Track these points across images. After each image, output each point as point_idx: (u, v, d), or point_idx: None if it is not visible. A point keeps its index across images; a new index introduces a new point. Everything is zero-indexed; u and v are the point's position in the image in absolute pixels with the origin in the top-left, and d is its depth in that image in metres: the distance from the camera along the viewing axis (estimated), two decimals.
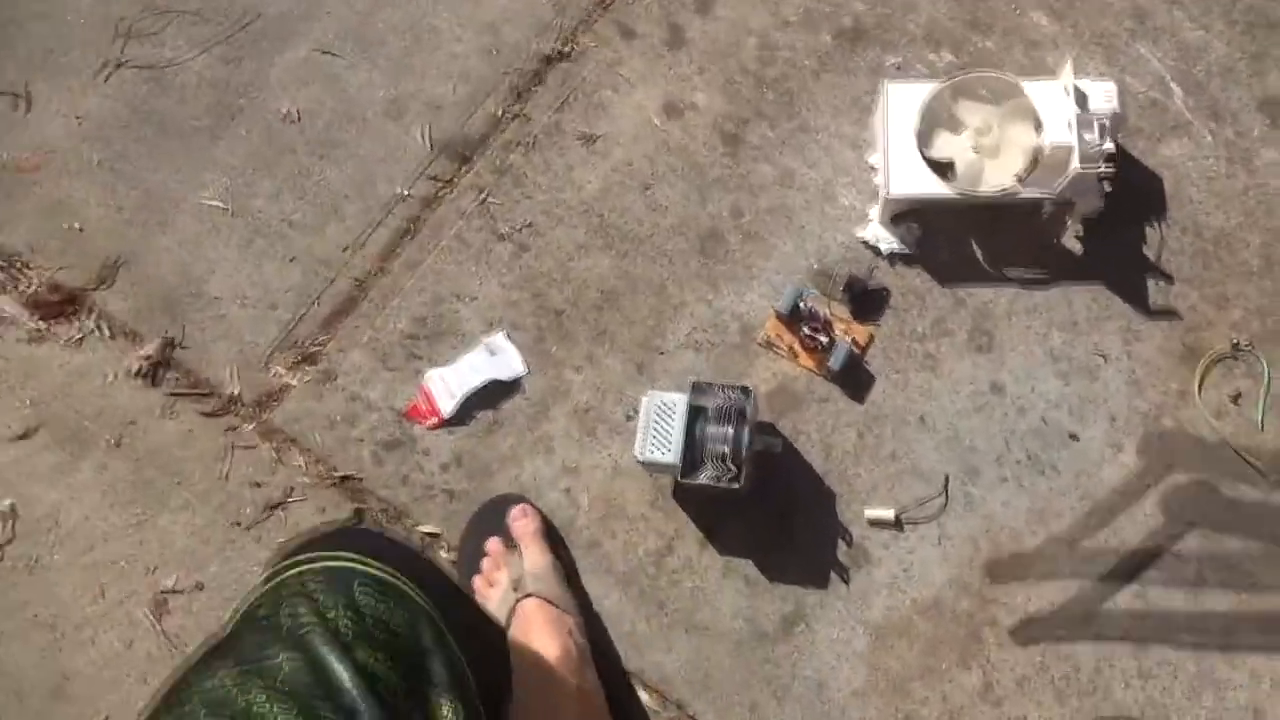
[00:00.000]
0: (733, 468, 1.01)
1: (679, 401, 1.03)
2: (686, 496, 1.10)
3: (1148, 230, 1.10)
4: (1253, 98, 1.11)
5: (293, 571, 0.67)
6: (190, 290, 1.22)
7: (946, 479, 1.07)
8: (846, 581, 1.07)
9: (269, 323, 1.21)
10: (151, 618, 1.10)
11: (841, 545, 1.08)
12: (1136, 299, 1.08)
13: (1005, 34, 1.16)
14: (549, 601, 1.03)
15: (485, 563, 1.08)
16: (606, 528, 1.11)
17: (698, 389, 1.03)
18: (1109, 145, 0.99)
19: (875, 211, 1.12)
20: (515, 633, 1.02)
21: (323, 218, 1.22)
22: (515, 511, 1.09)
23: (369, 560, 0.67)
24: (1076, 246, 1.10)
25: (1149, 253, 1.09)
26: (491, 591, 1.06)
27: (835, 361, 1.08)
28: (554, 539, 1.11)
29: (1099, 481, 1.05)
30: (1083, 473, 1.05)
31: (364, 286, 1.21)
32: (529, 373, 1.16)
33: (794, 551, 1.08)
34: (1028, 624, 1.02)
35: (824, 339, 1.10)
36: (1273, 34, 1.12)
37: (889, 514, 1.07)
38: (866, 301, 1.12)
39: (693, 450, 1.03)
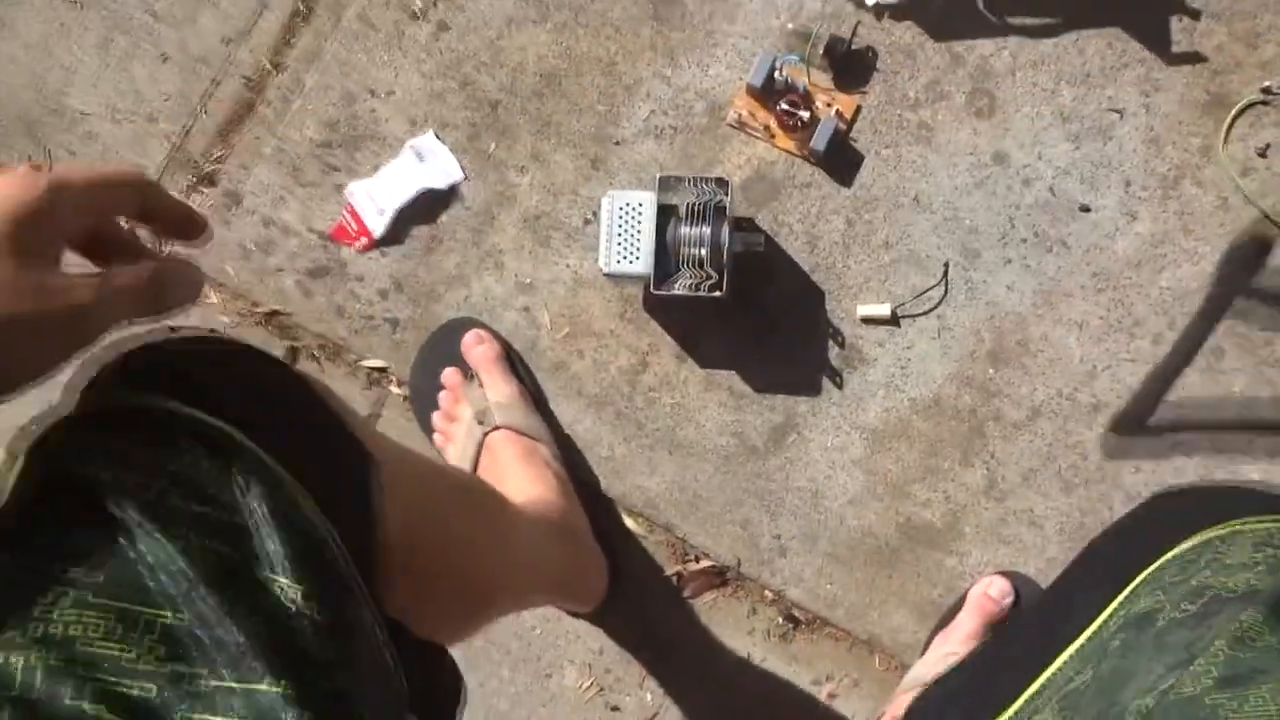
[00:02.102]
0: (713, 273, 0.89)
1: (646, 201, 0.89)
2: (658, 306, 0.98)
3: None
4: None
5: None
6: (49, 106, 1.02)
7: (946, 265, 0.96)
8: (839, 385, 0.98)
9: (152, 139, 1.02)
10: None
11: (833, 346, 0.98)
12: (1157, 42, 0.94)
13: None
14: (519, 432, 0.93)
15: (443, 397, 0.97)
16: (572, 347, 1.00)
17: (666, 184, 0.89)
18: None
19: None
20: (486, 470, 0.92)
21: (193, 4, 1.01)
22: (470, 338, 0.97)
23: (195, 410, 0.41)
24: None
25: None
26: (454, 428, 0.96)
27: (818, 140, 0.94)
28: (515, 363, 1.00)
29: (1113, 255, 0.95)
30: (1095, 247, 0.95)
31: (258, 86, 1.02)
32: (466, 178, 1.01)
33: (781, 358, 0.98)
34: (1034, 415, 0.95)
35: (804, 114, 0.95)
36: None
37: (884, 309, 0.96)
38: (850, 65, 0.97)
39: (665, 256, 0.90)
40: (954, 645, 0.88)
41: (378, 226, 1.00)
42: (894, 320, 0.97)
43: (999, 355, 0.96)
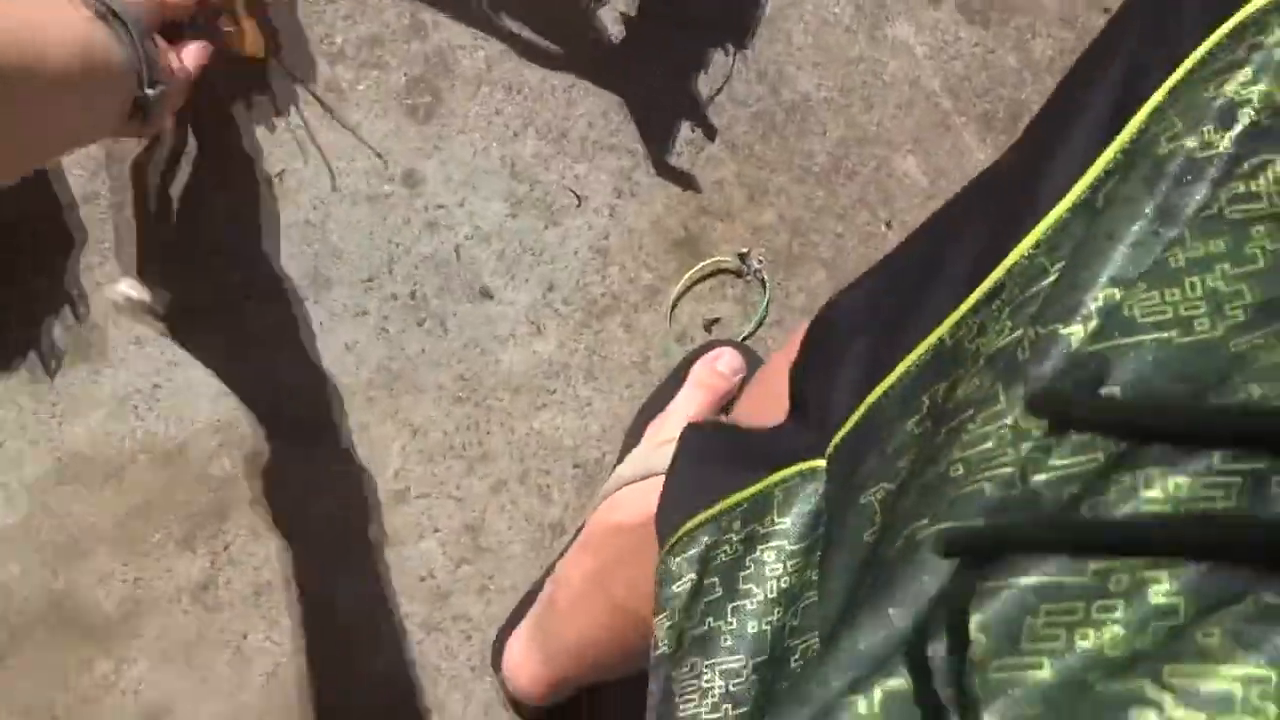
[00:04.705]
0: None
1: None
2: None
3: (716, 53, 0.74)
4: None
5: None
6: None
7: (284, 282, 0.68)
8: (51, 373, 0.65)
9: None
10: None
11: (67, 312, 0.65)
12: (656, 138, 0.73)
13: None
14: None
15: None
16: None
17: None
18: None
19: None
20: None
21: None
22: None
23: None
24: (614, 31, 0.72)
25: (704, 85, 0.74)
26: None
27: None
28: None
29: (494, 365, 0.71)
30: (477, 345, 0.71)
31: None
32: None
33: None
34: (306, 525, 0.68)
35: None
36: None
37: (164, 298, 0.65)
38: None
39: None
40: (674, 433, 0.60)
41: None
42: (165, 319, 0.66)
43: (296, 427, 0.68)
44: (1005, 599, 0.25)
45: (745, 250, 0.74)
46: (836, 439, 0.34)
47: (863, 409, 0.33)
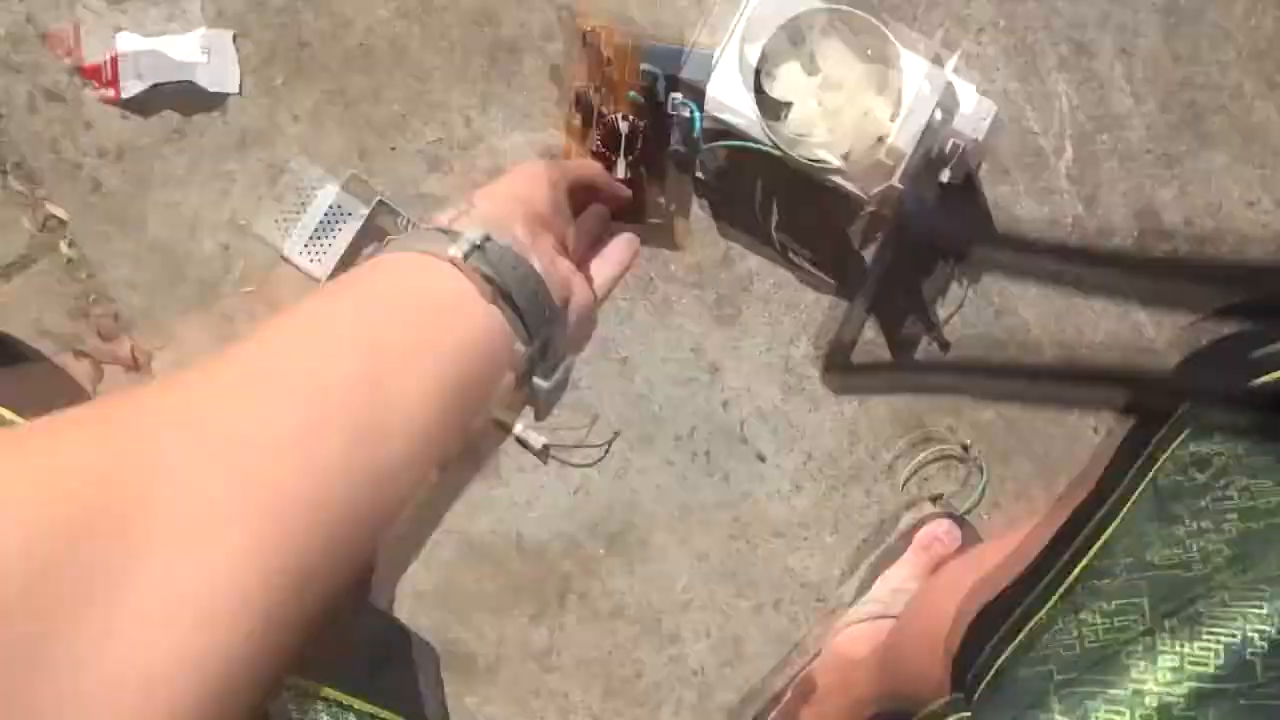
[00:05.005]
0: None
1: (356, 214, 0.85)
2: None
3: (952, 283, 0.94)
4: (1136, 201, 0.94)
5: None
6: None
7: (615, 435, 0.94)
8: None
9: None
10: None
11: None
12: (900, 347, 0.94)
13: None
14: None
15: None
16: (250, 304, 0.95)
17: (382, 208, 0.85)
18: (945, 175, 0.82)
19: None
20: None
21: None
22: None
23: None
24: (874, 264, 0.95)
25: (941, 309, 0.94)
26: None
27: None
28: None
29: (762, 512, 0.94)
30: (750, 496, 0.94)
31: None
32: (238, 94, 0.95)
33: None
34: (617, 613, 0.93)
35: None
36: (1195, 143, 0.94)
37: (539, 441, 0.93)
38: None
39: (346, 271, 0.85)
40: (900, 583, 0.86)
41: (129, 89, 0.94)
42: (543, 455, 0.94)
43: (616, 542, 0.94)
44: (1084, 707, 0.44)
45: (968, 442, 0.93)
46: (978, 694, 0.54)
47: (992, 673, 0.53)
